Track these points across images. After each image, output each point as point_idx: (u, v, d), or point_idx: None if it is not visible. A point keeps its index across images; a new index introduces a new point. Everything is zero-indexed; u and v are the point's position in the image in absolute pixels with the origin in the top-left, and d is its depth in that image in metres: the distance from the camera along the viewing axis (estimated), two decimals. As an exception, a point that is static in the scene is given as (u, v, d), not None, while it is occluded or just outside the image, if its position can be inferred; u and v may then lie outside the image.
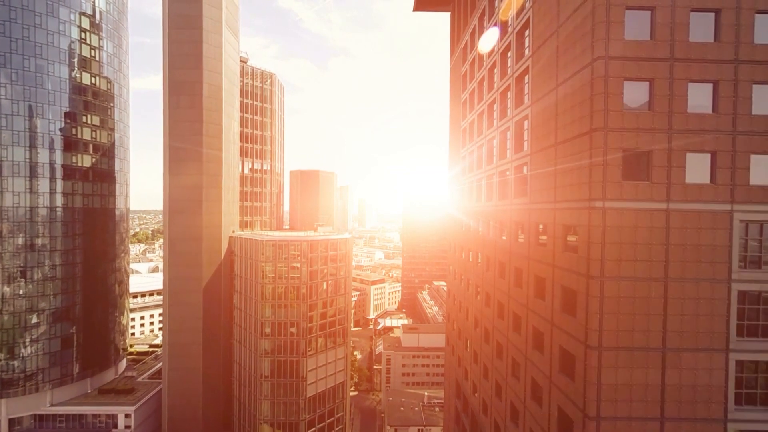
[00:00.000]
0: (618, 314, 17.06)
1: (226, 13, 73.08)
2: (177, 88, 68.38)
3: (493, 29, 32.83)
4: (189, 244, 69.26)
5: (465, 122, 42.70)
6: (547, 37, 22.14)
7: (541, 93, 23.03)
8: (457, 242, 44.42)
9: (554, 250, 20.90)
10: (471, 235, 38.77)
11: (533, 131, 24.06)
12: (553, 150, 21.18)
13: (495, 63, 32.11)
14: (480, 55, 36.90)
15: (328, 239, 71.81)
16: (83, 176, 76.30)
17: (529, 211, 24.39)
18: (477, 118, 37.50)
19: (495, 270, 30.96)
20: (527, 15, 24.96)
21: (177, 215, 68.95)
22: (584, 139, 17.84)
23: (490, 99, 33.28)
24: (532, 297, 23.76)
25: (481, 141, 36.00)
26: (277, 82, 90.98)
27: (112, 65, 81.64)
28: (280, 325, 67.88)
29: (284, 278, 67.89)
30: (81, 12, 74.65)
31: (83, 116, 76.10)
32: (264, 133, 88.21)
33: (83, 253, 76.14)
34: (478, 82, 37.28)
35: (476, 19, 37.93)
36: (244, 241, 72.52)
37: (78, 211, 75.37)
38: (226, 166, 73.95)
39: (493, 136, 32.19)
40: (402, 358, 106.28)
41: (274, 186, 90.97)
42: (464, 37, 43.24)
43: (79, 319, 75.96)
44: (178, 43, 68.31)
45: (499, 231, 30.31)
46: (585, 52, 17.88)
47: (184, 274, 69.25)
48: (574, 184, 18.64)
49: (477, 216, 36.58)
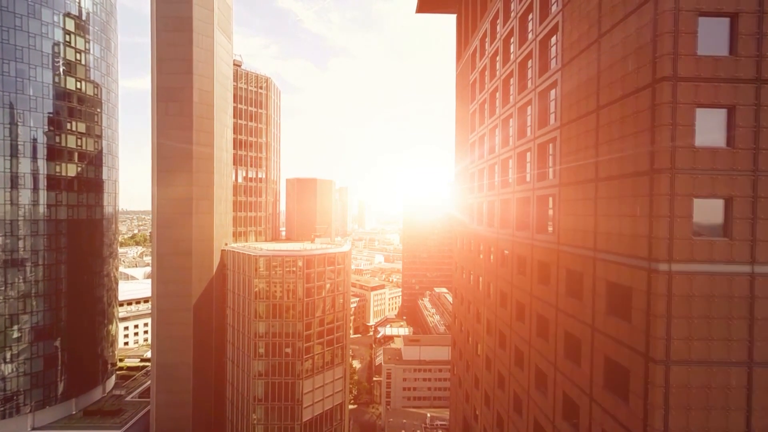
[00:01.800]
0: (689, 410, 13.23)
1: (218, 14, 69.28)
2: (165, 94, 64.54)
3: (509, 35, 29.02)
4: (178, 259, 65.41)
5: (474, 135, 38.88)
6: (582, 48, 18.32)
7: (576, 114, 19.21)
8: (466, 278, 40.60)
9: (593, 308, 17.09)
10: (482, 267, 34.94)
11: (563, 149, 20.27)
12: (593, 181, 17.38)
13: (511, 73, 28.28)
14: (493, 63, 33.08)
15: (326, 253, 67.97)
16: (68, 186, 72.51)
17: (558, 252, 20.56)
18: (489, 132, 33.68)
19: (512, 309, 27.15)
20: (556, 20, 21.15)
21: (165, 229, 65.11)
22: (643, 180, 14.04)
23: (505, 114, 29.45)
24: (561, 357, 19.94)
25: (493, 159, 32.18)
26: (272, 86, 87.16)
27: (100, 69, 77.87)
28: (275, 346, 64.02)
29: (279, 295, 64.06)
30: (65, 13, 70.89)
31: (68, 123, 72.32)
32: (259, 139, 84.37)
33: (68, 267, 72.33)
34: (489, 93, 33.45)
35: (487, 23, 34.13)
36: (236, 254, 68.70)
37: (62, 223, 71.57)
38: (219, 175, 70.13)
39: (509, 155, 28.38)
40: (403, 372, 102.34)
41: (270, 195, 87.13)
42: (473, 42, 39.43)
43: (64, 336, 72.15)
44: (167, 46, 64.47)
45: (517, 267, 26.47)
46: (644, 69, 14.08)
47: (173, 291, 65.39)
48: (626, 235, 14.83)
49: (489, 249, 32.74)
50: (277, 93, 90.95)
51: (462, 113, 44.73)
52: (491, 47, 33.04)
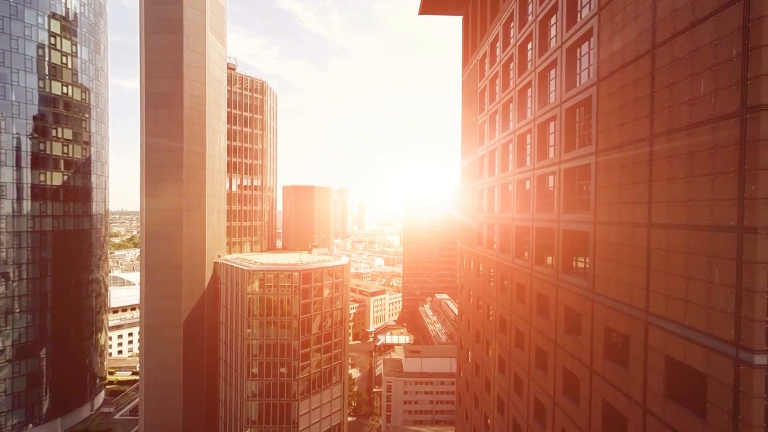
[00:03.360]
0: None
1: (210, 16, 66.00)
2: (154, 99, 61.24)
3: (526, 40, 25.73)
4: (167, 273, 62.08)
5: (483, 149, 35.57)
6: (627, 61, 15.02)
7: (618, 140, 15.91)
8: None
9: (645, 384, 13.79)
10: (493, 297, 31.62)
11: (600, 179, 17.01)
12: (644, 226, 14.08)
13: (529, 84, 24.98)
14: (506, 71, 29.78)
15: (323, 267, 64.64)
16: (54, 195, 69.35)
17: (593, 301, 17.26)
18: (501, 148, 30.37)
19: (533, 354, 23.85)
20: (589, 25, 17.84)
21: (154, 242, 61.81)
22: (724, 238, 10.72)
23: (521, 129, 26.14)
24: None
25: (507, 178, 28.87)
26: (268, 90, 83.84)
27: (88, 72, 74.70)
28: (269, 365, 60.68)
29: (273, 312, 60.74)
30: (50, 15, 67.67)
31: (54, 129, 69.19)
32: (254, 146, 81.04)
33: (53, 281, 69.16)
34: (502, 105, 30.14)
35: (499, 26, 30.82)
36: (229, 268, 65.37)
37: (47, 235, 68.41)
38: (211, 185, 66.83)
39: (528, 177, 25.07)
40: (404, 385, 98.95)
41: (266, 203, 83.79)
42: (482, 47, 36.13)
43: (50, 352, 68.94)
44: (156, 49, 61.18)
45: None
46: (725, 93, 10.78)
47: (162, 306, 62.08)
48: (696, 305, 11.50)
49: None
50: (274, 97, 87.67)
51: (469, 121, 41.43)
52: (504, 53, 29.74)
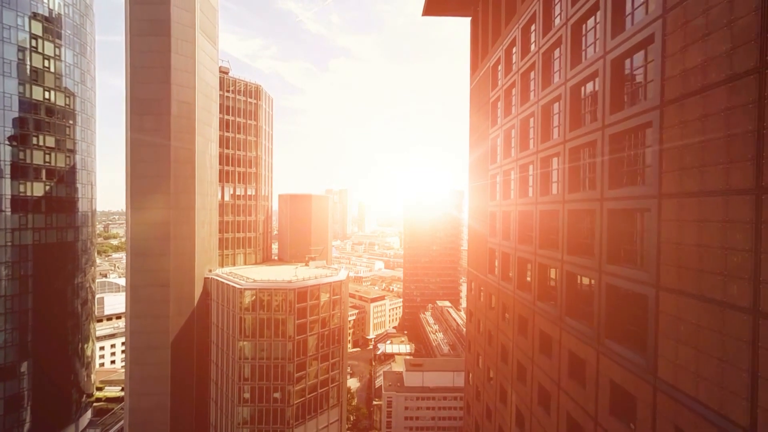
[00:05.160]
0: None
1: (200, 17, 62.24)
2: (140, 106, 57.46)
3: (552, 48, 21.92)
4: (154, 291, 58.28)
5: (495, 167, 31.79)
6: (718, 80, 11.21)
7: (696, 186, 12.13)
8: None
9: None
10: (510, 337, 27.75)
11: (665, 245, 13.14)
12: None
13: (558, 98, 21.18)
14: (525, 82, 25.98)
15: (320, 284, 60.81)
16: (35, 207, 65.58)
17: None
18: (520, 168, 26.57)
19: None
20: (648, 31, 14.02)
21: (139, 257, 58.01)
22: None
23: (546, 151, 22.31)
24: None
25: (527, 206, 25.08)
26: (264, 95, 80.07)
27: (72, 76, 70.96)
28: (261, 391, 56.89)
29: (266, 333, 56.93)
30: (32, 15, 63.93)
31: (34, 137, 65.43)
32: (249, 153, 77.26)
33: (35, 298, 65.37)
34: (521, 120, 26.33)
35: (517, 30, 27.02)
36: (220, 284, 61.59)
37: (28, 249, 64.61)
38: (201, 196, 63.04)
39: (555, 208, 21.28)
40: (405, 400, 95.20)
41: (261, 213, 79.98)
42: (495, 52, 32.33)
43: (31, 374, 65.17)
44: (142, 53, 57.40)
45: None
46: None
47: (148, 326, 58.27)
48: None
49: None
50: (269, 101, 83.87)
51: (478, 132, 37.65)
52: (523, 62, 25.92)
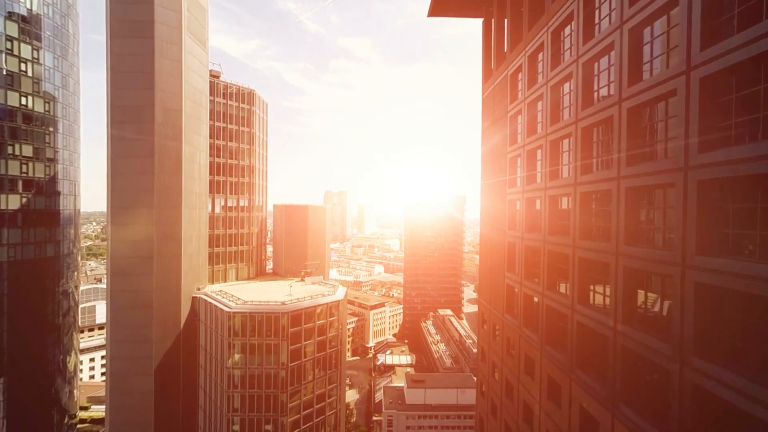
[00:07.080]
0: None
1: (188, 17, 57.92)
2: (121, 114, 53.11)
3: (597, 57, 17.56)
4: (135, 313, 53.91)
5: (515, 192, 27.47)
6: None
7: None
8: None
9: None
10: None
11: None
12: None
13: (608, 120, 16.85)
14: (556, 97, 21.63)
15: (316, 305, 56.44)
16: (11, 221, 61.07)
17: None
18: (549, 200, 22.24)
19: None
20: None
21: (119, 277, 53.62)
22: None
23: (586, 186, 17.98)
24: None
25: (566, 247, 20.70)
26: (258, 100, 75.71)
27: (53, 81, 66.49)
28: (252, 423, 52.48)
29: (257, 361, 52.56)
30: (7, 16, 59.48)
31: (9, 146, 60.94)
32: (241, 162, 72.89)
33: (10, 319, 60.86)
34: (551, 142, 22.01)
35: (546, 34, 22.69)
36: (209, 304, 57.23)
37: (2, 266, 60.14)
38: (189, 209, 58.69)
39: (604, 256, 16.90)
40: (406, 419, 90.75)
41: (254, 225, 75.62)
42: (515, 60, 27.97)
43: (8, 400, 60.70)
44: (123, 56, 53.07)
45: None
46: None
47: (130, 352, 53.91)
48: None
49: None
50: (264, 107, 79.53)
51: (493, 149, 33.33)
52: (554, 73, 21.53)
